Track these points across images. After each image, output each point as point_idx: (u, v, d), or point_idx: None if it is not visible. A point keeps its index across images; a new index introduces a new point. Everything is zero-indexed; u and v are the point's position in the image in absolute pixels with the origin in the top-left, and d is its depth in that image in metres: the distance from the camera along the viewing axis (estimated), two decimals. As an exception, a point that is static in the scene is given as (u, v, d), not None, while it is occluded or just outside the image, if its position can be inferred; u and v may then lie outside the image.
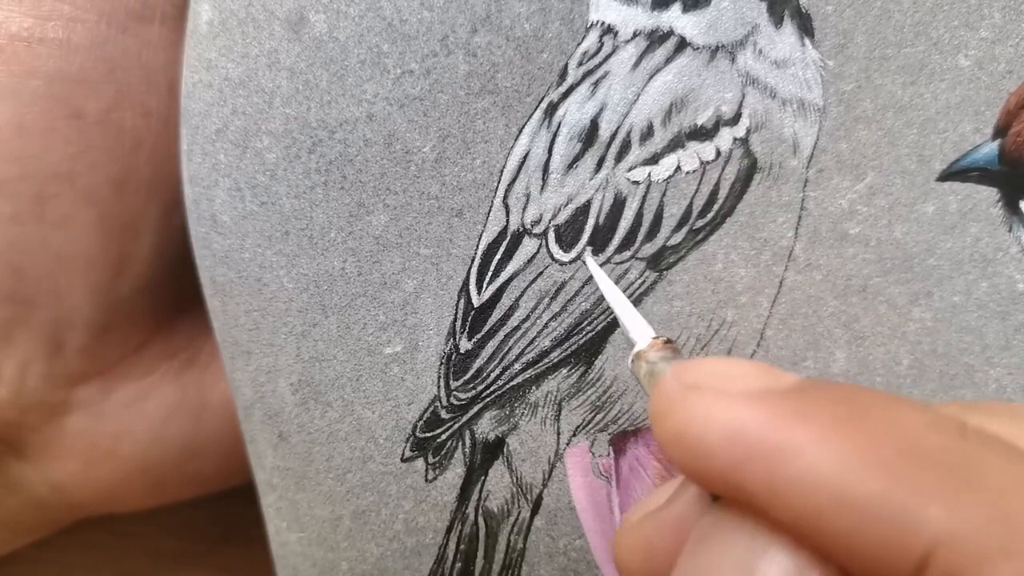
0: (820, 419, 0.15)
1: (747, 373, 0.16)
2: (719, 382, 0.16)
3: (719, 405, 0.15)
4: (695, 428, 0.15)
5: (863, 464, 0.14)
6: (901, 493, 0.13)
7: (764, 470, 0.14)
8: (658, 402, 0.17)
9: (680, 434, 0.16)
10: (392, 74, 0.23)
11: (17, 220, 0.25)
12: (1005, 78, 0.23)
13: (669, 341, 0.20)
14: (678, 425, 0.16)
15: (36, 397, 0.28)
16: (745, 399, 0.15)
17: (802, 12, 0.23)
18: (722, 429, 0.15)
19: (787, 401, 0.15)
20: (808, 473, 0.14)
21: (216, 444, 0.30)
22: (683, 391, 0.16)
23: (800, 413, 0.15)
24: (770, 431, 0.15)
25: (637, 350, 0.20)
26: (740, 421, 0.15)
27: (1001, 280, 0.23)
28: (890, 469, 0.14)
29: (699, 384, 0.16)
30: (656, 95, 0.23)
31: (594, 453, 0.25)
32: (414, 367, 0.25)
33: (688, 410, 0.16)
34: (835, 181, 0.23)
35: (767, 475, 0.14)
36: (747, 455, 0.15)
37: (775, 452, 0.14)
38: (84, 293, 0.27)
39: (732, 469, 0.15)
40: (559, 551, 0.26)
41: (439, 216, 0.24)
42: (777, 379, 0.16)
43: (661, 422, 0.16)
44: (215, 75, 0.24)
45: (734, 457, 0.15)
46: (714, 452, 0.15)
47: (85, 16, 0.25)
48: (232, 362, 0.26)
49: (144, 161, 0.27)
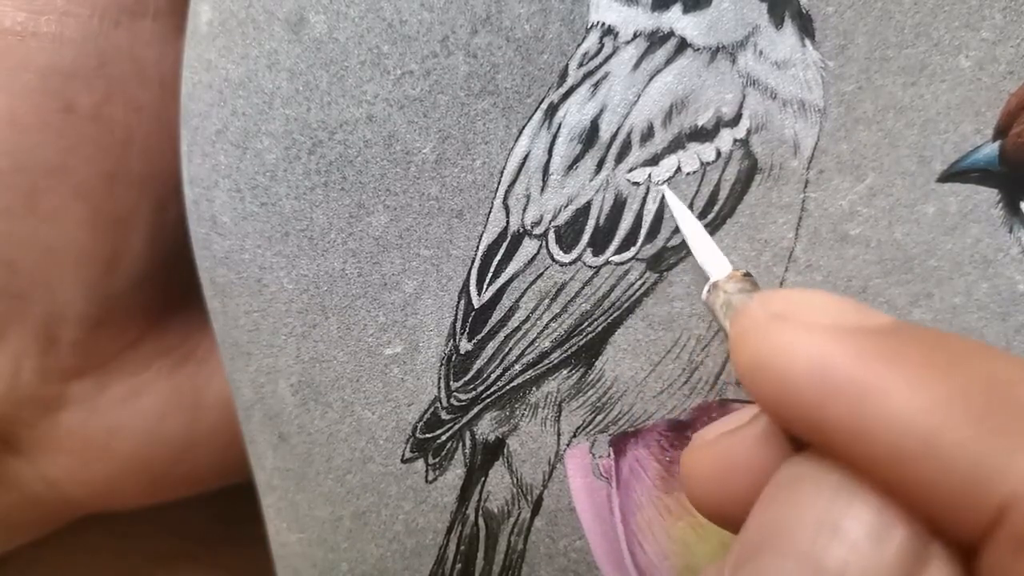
0: (912, 361, 0.14)
1: (838, 307, 0.16)
2: (808, 313, 0.15)
3: (807, 337, 0.15)
4: (779, 359, 0.15)
5: (952, 410, 0.13)
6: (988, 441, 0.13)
7: (850, 409, 0.14)
8: (740, 329, 0.16)
9: (762, 363, 0.15)
10: (392, 75, 0.23)
11: (9, 214, 0.25)
12: (1006, 79, 0.23)
13: (748, 274, 0.19)
14: (761, 354, 0.15)
15: (30, 392, 0.28)
16: (835, 333, 0.15)
17: (803, 13, 0.23)
18: (809, 362, 0.14)
19: (879, 340, 0.15)
20: (895, 415, 0.14)
21: (212, 441, 0.30)
22: (769, 319, 0.15)
23: (892, 353, 0.14)
24: (860, 369, 0.14)
25: (713, 280, 0.19)
26: (829, 355, 0.14)
27: (1001, 281, 0.23)
28: (979, 418, 0.13)
29: (786, 313, 0.15)
30: (656, 96, 0.23)
31: (594, 454, 0.25)
32: (414, 368, 0.25)
33: (773, 339, 0.15)
34: (835, 182, 0.23)
35: (852, 414, 0.14)
36: (833, 392, 0.14)
37: (863, 391, 0.14)
38: (77, 288, 0.27)
39: (815, 405, 0.14)
40: (559, 552, 0.26)
41: (439, 217, 0.24)
42: (869, 317, 0.16)
43: (742, 349, 0.16)
44: (215, 76, 0.24)
45: (819, 393, 0.14)
46: (798, 385, 0.15)
47: (77, 10, 0.25)
48: (232, 363, 0.26)
49: (136, 156, 0.27)
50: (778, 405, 0.15)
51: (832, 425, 0.14)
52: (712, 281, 0.19)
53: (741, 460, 0.17)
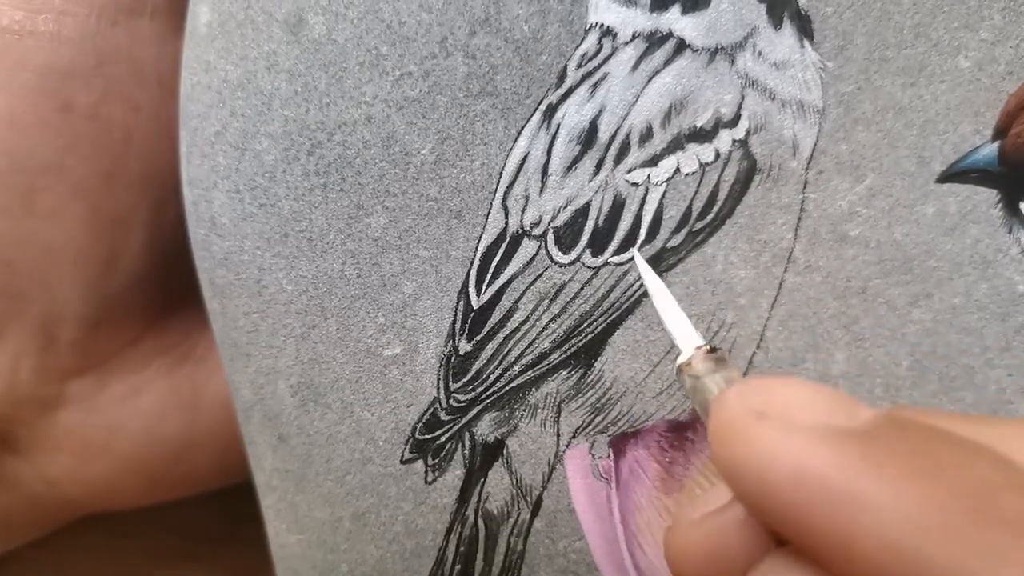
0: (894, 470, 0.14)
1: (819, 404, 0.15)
2: (789, 411, 0.15)
3: (788, 441, 0.14)
4: (760, 461, 0.15)
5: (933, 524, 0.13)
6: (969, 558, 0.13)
7: (830, 517, 0.14)
8: (719, 425, 0.16)
9: (742, 464, 0.15)
10: (391, 76, 0.23)
11: (7, 213, 0.25)
12: (1005, 79, 0.22)
13: (714, 350, 0.19)
14: (741, 454, 0.15)
15: (28, 391, 0.28)
16: (816, 437, 0.14)
17: (801, 14, 0.23)
18: (789, 468, 0.14)
19: (860, 444, 0.14)
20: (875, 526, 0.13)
21: (210, 441, 0.30)
22: (748, 417, 0.15)
23: (874, 460, 0.14)
24: (841, 478, 0.14)
25: (680, 361, 0.19)
26: (809, 462, 0.14)
27: (1001, 281, 0.23)
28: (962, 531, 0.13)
29: (767, 412, 0.15)
30: (655, 97, 0.23)
31: (594, 455, 0.25)
32: (413, 369, 0.25)
33: (753, 440, 0.15)
34: (835, 183, 0.23)
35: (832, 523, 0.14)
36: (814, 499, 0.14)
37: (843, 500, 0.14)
38: (75, 287, 0.27)
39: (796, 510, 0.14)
40: (559, 553, 0.26)
41: (438, 218, 0.24)
42: (851, 413, 0.15)
43: (722, 448, 0.16)
44: (214, 77, 0.24)
45: (799, 499, 0.14)
46: (778, 490, 0.14)
47: (75, 9, 0.25)
48: (231, 364, 0.26)
49: (134, 155, 0.27)
50: (759, 506, 0.15)
51: (812, 531, 0.14)
52: (678, 361, 0.19)
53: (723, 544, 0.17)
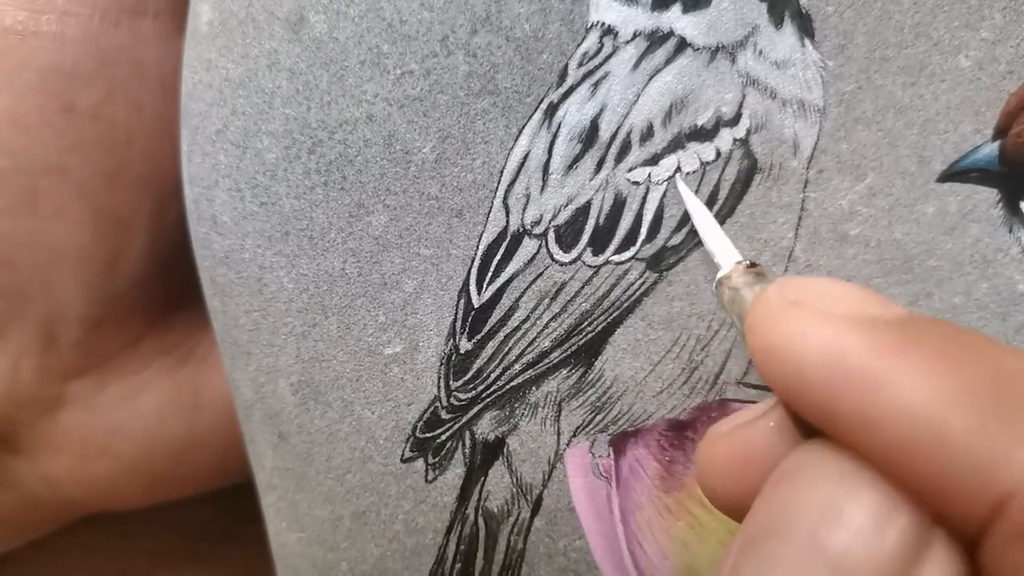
0: (923, 352, 0.14)
1: (854, 296, 0.16)
2: (823, 301, 0.16)
3: (820, 325, 0.15)
4: (792, 345, 0.15)
5: (960, 401, 0.14)
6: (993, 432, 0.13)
7: (858, 397, 0.14)
8: (755, 314, 0.16)
9: (775, 349, 0.15)
10: (392, 75, 0.23)
11: (10, 213, 0.25)
12: (1005, 79, 0.22)
13: (754, 264, 0.19)
14: (774, 339, 0.16)
15: (30, 391, 0.28)
16: (848, 322, 0.15)
17: (802, 13, 0.23)
18: (821, 350, 0.15)
19: (892, 330, 0.15)
20: (904, 404, 0.14)
21: (212, 441, 0.30)
22: (784, 305, 0.16)
23: (903, 344, 0.14)
24: (870, 358, 0.14)
25: (720, 275, 0.19)
26: (840, 344, 0.15)
27: (1001, 281, 0.23)
28: (986, 409, 0.14)
29: (802, 300, 0.16)
30: (656, 96, 0.23)
31: (594, 454, 0.25)
32: (414, 368, 0.25)
33: (787, 325, 0.15)
34: (835, 182, 0.23)
35: (862, 402, 0.14)
36: (843, 380, 0.14)
37: (872, 380, 0.14)
38: (77, 287, 0.27)
39: (826, 392, 0.15)
40: (559, 552, 0.26)
41: (439, 217, 0.24)
42: (883, 307, 0.16)
43: (756, 334, 0.16)
44: (215, 75, 0.24)
45: (830, 380, 0.15)
46: (810, 372, 0.15)
47: (78, 10, 0.25)
48: (232, 362, 0.26)
49: (137, 156, 0.27)
50: (790, 390, 0.16)
51: (842, 412, 0.14)
52: (719, 275, 0.20)
53: (756, 451, 0.17)
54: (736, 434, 0.18)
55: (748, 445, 0.17)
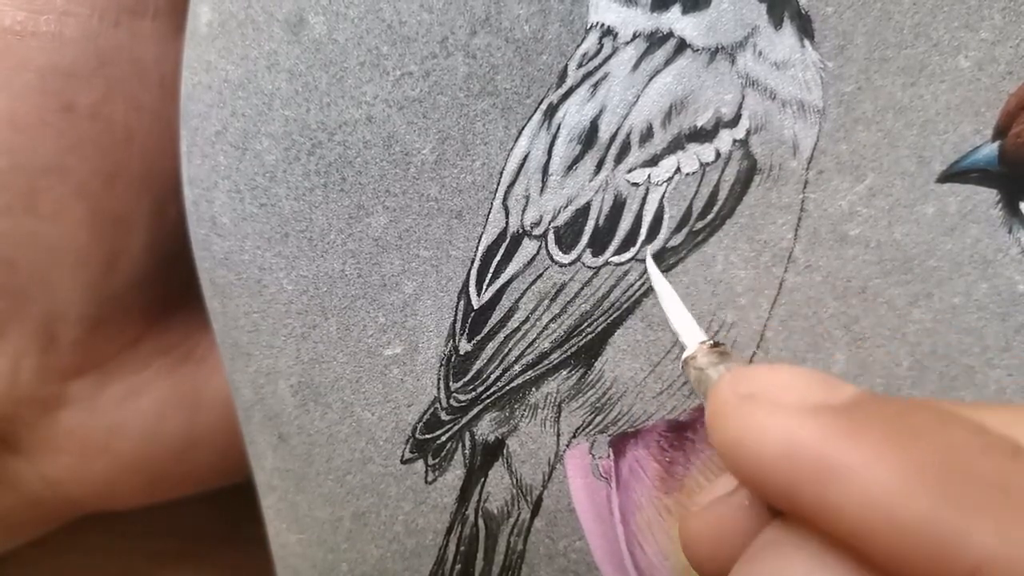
0: (873, 438, 0.15)
1: (802, 384, 0.16)
2: (774, 392, 0.16)
3: (774, 418, 0.15)
4: (750, 440, 0.16)
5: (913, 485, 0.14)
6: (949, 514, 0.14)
7: (817, 487, 0.15)
8: (713, 410, 0.17)
9: (735, 444, 0.16)
10: (391, 76, 0.23)
11: (9, 213, 0.25)
12: (1005, 79, 0.22)
13: (717, 344, 0.20)
14: (733, 435, 0.16)
15: (29, 391, 0.28)
16: (799, 414, 0.15)
17: (802, 13, 0.23)
18: (776, 444, 0.15)
19: (841, 418, 0.15)
20: (860, 493, 0.14)
21: (211, 440, 0.30)
22: (738, 401, 0.16)
23: (853, 432, 0.15)
24: (823, 449, 0.15)
25: (686, 355, 0.20)
26: (794, 437, 0.15)
27: (1001, 281, 0.23)
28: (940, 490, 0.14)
29: (754, 394, 0.16)
30: (656, 97, 0.23)
31: (594, 455, 0.25)
32: (414, 369, 0.25)
33: (743, 421, 0.16)
34: (835, 182, 0.23)
35: (820, 492, 0.15)
36: (800, 472, 0.15)
37: (828, 470, 0.14)
38: (76, 287, 0.27)
39: (786, 483, 0.15)
40: (559, 552, 0.26)
41: (439, 218, 0.24)
42: (833, 391, 0.16)
43: (716, 431, 0.17)
44: (214, 77, 0.24)
45: (788, 473, 0.15)
46: (769, 466, 0.15)
47: (77, 10, 0.25)
48: (232, 363, 0.26)
49: (136, 155, 0.27)
50: (753, 482, 0.16)
51: (803, 502, 0.15)
52: (684, 355, 0.20)
53: (730, 526, 0.18)
54: (711, 510, 0.18)
55: (723, 521, 0.18)
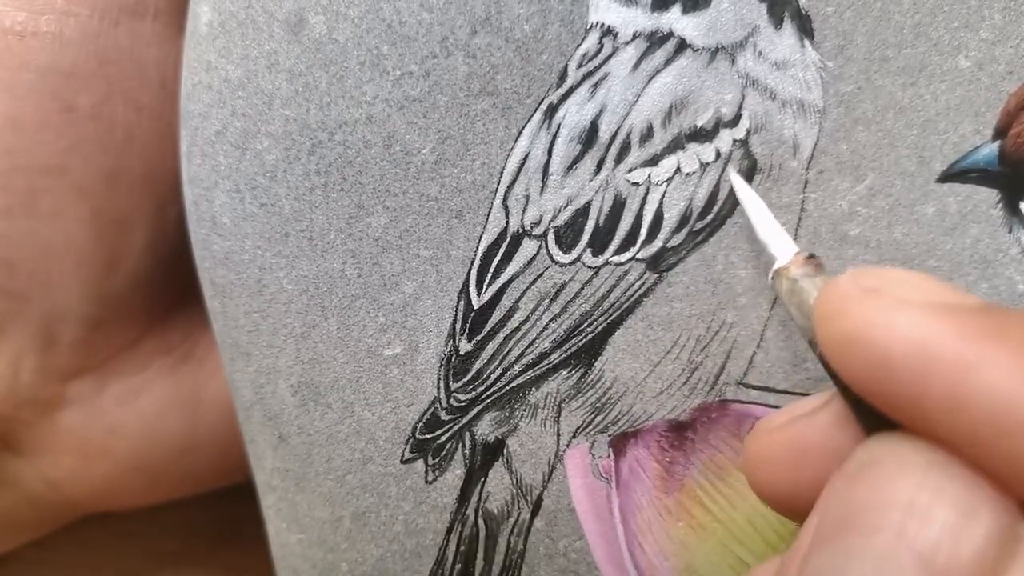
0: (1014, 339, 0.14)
1: (931, 285, 0.16)
2: (902, 290, 0.15)
3: (905, 312, 0.15)
4: (875, 333, 0.15)
5: None
6: None
7: (950, 383, 0.14)
8: (829, 302, 0.16)
9: (856, 337, 0.15)
10: (391, 76, 0.23)
11: (9, 213, 0.25)
12: (1005, 79, 0.22)
13: (812, 256, 0.19)
14: (853, 328, 0.15)
15: (29, 392, 0.28)
16: (934, 310, 0.15)
17: (802, 13, 0.23)
18: (907, 337, 0.14)
19: (978, 317, 0.14)
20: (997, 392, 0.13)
21: (211, 441, 0.30)
22: (862, 294, 0.15)
23: (991, 330, 0.14)
24: (959, 344, 0.14)
25: (778, 266, 0.19)
26: (927, 331, 0.14)
27: (1001, 281, 0.23)
28: None
29: (880, 289, 0.15)
30: (656, 96, 0.23)
31: (594, 455, 0.25)
32: (414, 369, 0.25)
33: (867, 313, 0.15)
34: (835, 182, 0.23)
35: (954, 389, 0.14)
36: (932, 367, 0.14)
37: (964, 367, 0.14)
38: (77, 287, 0.27)
39: (914, 379, 0.14)
40: (559, 552, 0.26)
41: (439, 218, 0.24)
42: (962, 296, 0.15)
43: (831, 323, 0.16)
44: (214, 77, 0.24)
45: (918, 367, 0.14)
46: (896, 359, 0.14)
47: (78, 10, 0.25)
48: (232, 363, 0.26)
49: (136, 156, 0.27)
50: (872, 379, 0.15)
51: (931, 400, 0.14)
52: (776, 266, 0.19)
53: (813, 444, 0.17)
54: (792, 426, 0.17)
55: (804, 438, 0.17)
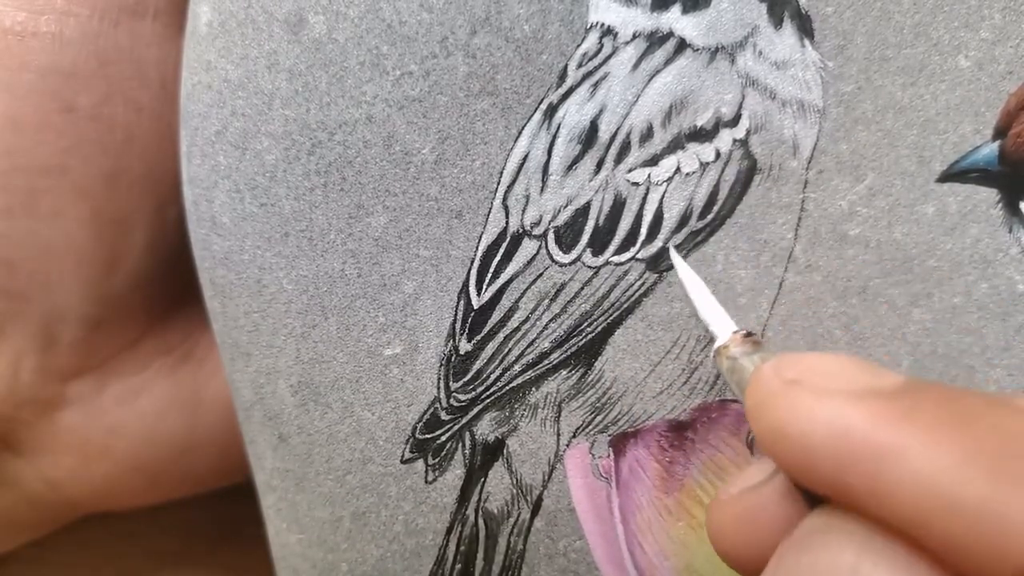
0: (927, 421, 0.14)
1: (849, 369, 0.16)
2: (820, 378, 0.16)
3: (823, 403, 0.15)
4: (797, 425, 0.15)
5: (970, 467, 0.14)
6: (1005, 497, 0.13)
7: (870, 472, 0.14)
8: (756, 396, 0.16)
9: (780, 431, 0.15)
10: (391, 76, 0.23)
11: (9, 214, 0.25)
12: (1005, 79, 0.22)
13: (750, 334, 0.19)
14: (778, 421, 0.15)
15: (29, 392, 0.28)
16: (849, 398, 0.15)
17: (802, 13, 0.23)
18: (827, 428, 0.15)
19: (893, 402, 0.15)
20: (916, 476, 0.14)
21: (211, 441, 0.30)
22: (783, 386, 0.16)
23: (906, 415, 0.14)
24: (877, 432, 0.14)
25: (718, 345, 0.20)
26: (846, 420, 0.15)
27: (1001, 281, 0.23)
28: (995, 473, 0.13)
29: (800, 380, 0.16)
30: (656, 96, 0.23)
31: (594, 454, 0.25)
32: (414, 369, 0.25)
33: (789, 406, 0.15)
34: (835, 182, 0.23)
35: (873, 477, 0.14)
36: (853, 456, 0.14)
37: (882, 454, 0.14)
38: (77, 287, 0.27)
39: (835, 468, 0.15)
40: (559, 552, 0.26)
41: (439, 218, 0.24)
42: (879, 378, 0.16)
43: (759, 417, 0.16)
44: (214, 77, 0.24)
45: (839, 457, 0.15)
46: (817, 451, 0.15)
47: (78, 10, 0.25)
48: (232, 363, 0.26)
49: (136, 156, 0.27)
50: (799, 468, 0.16)
51: (854, 487, 0.14)
52: (716, 345, 0.20)
53: (762, 515, 0.17)
54: (742, 499, 0.18)
55: (755, 510, 0.17)
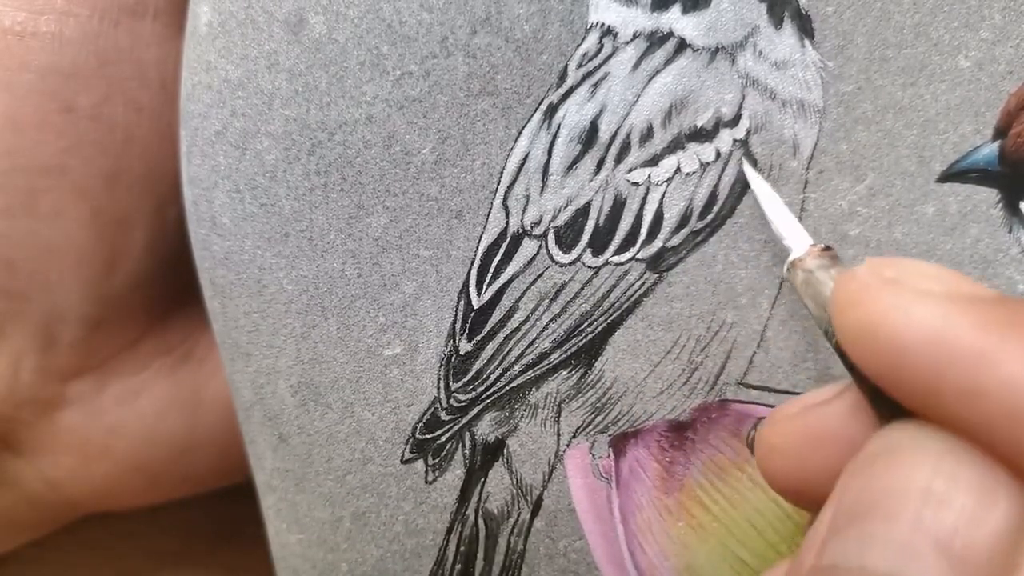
0: None
1: (949, 276, 0.16)
2: (920, 280, 0.15)
3: (923, 303, 0.15)
4: (893, 323, 0.15)
5: None
6: None
7: (967, 373, 0.14)
8: (847, 291, 0.16)
9: (872, 327, 0.15)
10: (391, 76, 0.23)
11: (9, 213, 0.25)
12: (1005, 79, 0.23)
13: (828, 248, 0.19)
14: (871, 318, 0.15)
15: (29, 392, 0.28)
16: (950, 300, 0.15)
17: (802, 13, 0.23)
18: (926, 327, 0.14)
19: (994, 308, 0.15)
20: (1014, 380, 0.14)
21: (211, 441, 0.30)
22: (880, 284, 0.15)
23: (1007, 321, 0.14)
24: (977, 335, 0.14)
25: (793, 258, 0.19)
26: (946, 321, 0.14)
27: (1001, 281, 0.23)
28: None
29: (899, 279, 0.15)
30: (656, 96, 0.23)
31: (594, 455, 0.25)
32: (414, 369, 0.25)
33: (886, 304, 0.15)
34: (835, 182, 0.23)
35: (969, 379, 0.14)
36: (951, 356, 0.14)
37: (981, 357, 0.14)
38: (76, 287, 0.27)
39: (931, 369, 0.14)
40: (559, 552, 0.26)
41: (439, 218, 0.24)
42: (979, 287, 0.16)
43: (849, 313, 0.16)
44: (214, 77, 0.24)
45: (936, 357, 0.14)
46: (913, 349, 0.14)
47: (77, 10, 0.25)
48: (232, 363, 0.26)
49: (136, 156, 0.27)
50: (889, 368, 0.15)
51: (948, 390, 0.14)
52: (791, 257, 0.19)
53: (827, 433, 0.17)
54: (805, 415, 0.17)
55: (818, 427, 0.17)
